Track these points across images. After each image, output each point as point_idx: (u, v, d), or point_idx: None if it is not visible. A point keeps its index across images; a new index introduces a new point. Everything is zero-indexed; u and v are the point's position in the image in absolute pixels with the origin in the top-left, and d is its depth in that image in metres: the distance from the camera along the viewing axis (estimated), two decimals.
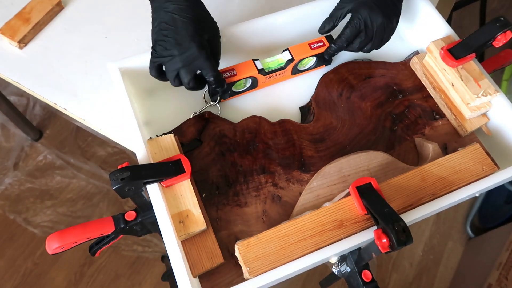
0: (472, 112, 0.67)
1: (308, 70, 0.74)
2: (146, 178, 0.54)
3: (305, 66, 0.73)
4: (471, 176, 0.60)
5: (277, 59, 0.71)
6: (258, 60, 0.69)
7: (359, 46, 0.68)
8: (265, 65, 0.70)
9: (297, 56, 0.70)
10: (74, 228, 0.55)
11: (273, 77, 0.71)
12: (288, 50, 0.70)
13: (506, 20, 0.63)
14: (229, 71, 0.67)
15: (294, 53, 0.70)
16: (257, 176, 0.64)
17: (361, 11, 0.64)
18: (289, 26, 0.76)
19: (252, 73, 0.68)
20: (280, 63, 0.70)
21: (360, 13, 0.64)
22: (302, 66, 0.73)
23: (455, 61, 0.66)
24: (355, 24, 0.65)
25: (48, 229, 1.45)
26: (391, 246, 0.47)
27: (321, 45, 0.71)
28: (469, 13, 1.81)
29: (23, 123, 1.53)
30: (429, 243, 1.54)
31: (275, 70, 0.70)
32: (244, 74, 0.67)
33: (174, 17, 0.59)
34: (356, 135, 0.69)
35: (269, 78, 0.71)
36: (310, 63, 0.73)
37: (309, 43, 0.71)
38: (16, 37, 0.79)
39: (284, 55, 0.70)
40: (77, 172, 1.55)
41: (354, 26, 0.65)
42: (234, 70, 0.67)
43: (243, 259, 0.53)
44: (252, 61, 0.68)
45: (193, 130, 0.67)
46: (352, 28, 0.66)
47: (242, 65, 0.68)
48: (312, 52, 0.71)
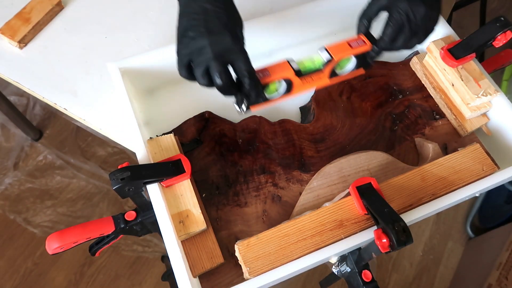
0: (472, 112, 0.67)
1: (346, 74, 0.64)
2: (146, 178, 0.54)
3: (343, 68, 0.64)
4: (471, 176, 0.60)
5: (313, 59, 0.61)
6: (293, 60, 0.60)
7: (403, 42, 0.61)
8: (301, 66, 0.60)
9: (337, 55, 0.60)
10: (74, 228, 0.55)
11: (309, 81, 0.61)
12: (326, 49, 0.60)
13: (506, 20, 0.63)
14: (261, 72, 0.57)
15: (333, 53, 0.60)
16: (257, 176, 0.64)
17: (399, 4, 0.58)
18: (290, 26, 0.76)
19: (288, 75, 0.58)
20: (317, 64, 0.61)
21: (399, 7, 0.58)
22: (340, 69, 0.63)
23: (455, 61, 0.66)
24: (396, 19, 0.59)
25: (48, 229, 1.45)
26: (391, 246, 0.47)
27: (362, 44, 0.61)
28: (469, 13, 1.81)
29: (23, 123, 1.53)
30: (429, 243, 1.53)
31: (312, 71, 0.60)
32: (279, 74, 0.58)
33: (205, 6, 0.53)
34: (356, 135, 0.69)
35: (304, 82, 0.61)
36: (349, 66, 0.63)
37: (348, 42, 0.61)
38: (16, 37, 0.79)
39: (322, 54, 0.60)
40: (77, 172, 1.55)
41: (396, 22, 0.59)
42: (267, 71, 0.57)
43: (243, 259, 0.53)
44: (287, 62, 0.59)
45: (193, 130, 0.67)
46: (394, 24, 0.59)
47: (276, 66, 0.58)
48: (352, 51, 0.60)
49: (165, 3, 0.87)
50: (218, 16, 0.53)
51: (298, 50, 0.80)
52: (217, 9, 0.53)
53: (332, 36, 0.81)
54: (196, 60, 0.53)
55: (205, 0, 0.54)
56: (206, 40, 0.51)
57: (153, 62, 0.69)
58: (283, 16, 0.74)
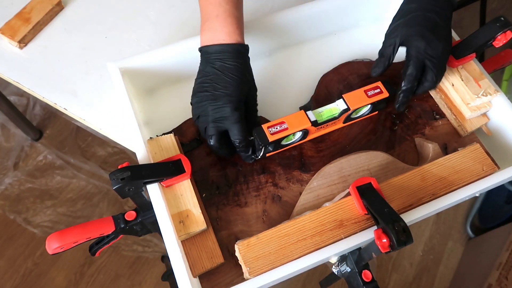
0: (472, 112, 0.67)
1: (361, 117, 0.69)
2: (146, 178, 0.54)
3: (358, 113, 0.68)
4: (471, 176, 0.60)
5: (330, 108, 0.64)
6: (310, 111, 0.63)
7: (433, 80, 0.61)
8: (318, 116, 0.63)
9: (353, 105, 0.63)
10: (74, 228, 0.55)
11: (324, 127, 0.66)
12: (343, 98, 0.64)
13: (506, 20, 0.63)
14: (279, 125, 0.60)
15: (350, 102, 0.63)
16: (257, 176, 0.64)
17: (417, 44, 0.60)
18: (290, 26, 0.76)
19: (305, 126, 0.62)
20: (333, 112, 0.64)
21: (417, 46, 0.60)
22: (355, 114, 0.68)
23: (455, 61, 0.66)
24: (416, 58, 0.60)
25: (48, 229, 1.45)
26: (391, 246, 0.47)
27: (378, 92, 0.64)
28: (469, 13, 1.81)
29: (23, 123, 1.53)
30: (429, 243, 1.54)
31: (328, 120, 0.64)
32: (296, 127, 0.61)
33: (217, 73, 0.59)
34: (356, 135, 0.69)
35: (320, 129, 0.66)
36: (364, 110, 0.68)
37: (365, 90, 0.64)
38: (16, 37, 0.79)
39: (339, 104, 0.64)
40: (77, 172, 1.55)
41: (417, 61, 0.60)
42: (284, 123, 0.60)
43: (243, 259, 0.53)
44: (304, 112, 0.62)
45: (193, 130, 0.67)
46: (415, 63, 0.60)
47: (293, 117, 0.61)
48: (368, 101, 0.64)
49: (165, 3, 0.87)
50: (226, 85, 0.58)
51: (298, 50, 0.80)
52: (227, 77, 0.59)
53: (332, 36, 0.81)
54: (200, 120, 0.60)
55: (219, 65, 0.59)
56: (209, 106, 0.58)
57: (153, 62, 0.69)
58: (283, 16, 0.74)
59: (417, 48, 0.60)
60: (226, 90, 0.58)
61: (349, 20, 0.81)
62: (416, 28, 0.60)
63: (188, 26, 0.84)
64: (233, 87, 0.59)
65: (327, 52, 0.79)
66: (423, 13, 0.61)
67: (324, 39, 0.81)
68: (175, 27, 0.84)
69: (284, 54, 0.79)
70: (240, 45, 0.60)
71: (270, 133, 0.59)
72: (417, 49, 0.60)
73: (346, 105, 0.63)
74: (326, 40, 0.81)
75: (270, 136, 0.59)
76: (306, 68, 0.77)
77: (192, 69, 0.73)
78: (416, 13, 0.61)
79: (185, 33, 0.83)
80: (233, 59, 0.59)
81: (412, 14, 0.62)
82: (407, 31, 0.61)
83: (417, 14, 0.61)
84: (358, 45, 0.81)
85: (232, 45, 0.59)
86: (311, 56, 0.79)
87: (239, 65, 0.60)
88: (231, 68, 0.59)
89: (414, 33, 0.60)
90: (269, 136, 0.59)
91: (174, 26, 0.84)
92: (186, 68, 0.73)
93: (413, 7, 0.62)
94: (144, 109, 0.72)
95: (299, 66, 0.78)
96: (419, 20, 0.61)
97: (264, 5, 0.87)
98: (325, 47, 0.80)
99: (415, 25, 0.61)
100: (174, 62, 0.71)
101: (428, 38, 0.60)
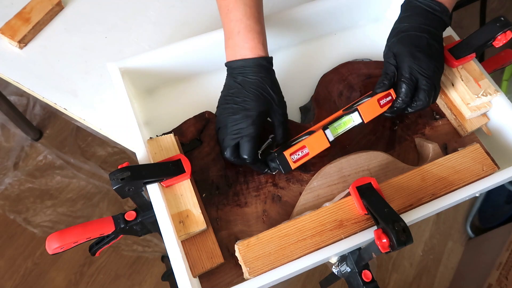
0: (472, 112, 0.67)
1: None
2: (146, 178, 0.54)
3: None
4: (471, 176, 0.60)
5: (345, 121, 0.63)
6: (328, 130, 0.62)
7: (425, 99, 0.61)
8: (334, 131, 0.63)
9: (367, 118, 0.63)
10: (74, 228, 0.55)
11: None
12: (358, 111, 0.62)
13: (506, 20, 0.63)
14: (301, 150, 0.60)
15: (364, 115, 0.63)
16: (257, 176, 0.64)
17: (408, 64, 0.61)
18: (290, 26, 0.76)
19: (325, 147, 0.61)
20: (348, 125, 0.63)
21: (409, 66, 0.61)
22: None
23: (455, 61, 0.66)
24: (409, 79, 0.61)
25: (48, 229, 1.45)
26: (391, 246, 0.47)
27: (390, 100, 0.64)
28: (469, 13, 1.81)
29: (23, 123, 1.53)
30: (429, 243, 1.54)
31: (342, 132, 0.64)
32: (317, 150, 0.61)
33: (238, 87, 0.60)
34: (356, 135, 0.69)
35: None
36: None
37: (378, 99, 0.63)
38: (16, 37, 0.79)
39: (354, 117, 0.63)
40: (77, 172, 1.55)
41: (409, 80, 0.61)
42: (305, 148, 0.60)
43: (243, 259, 0.53)
44: (323, 133, 0.61)
45: (193, 130, 0.67)
46: (407, 83, 0.61)
47: (313, 140, 0.61)
48: (381, 110, 0.64)
49: (165, 3, 0.87)
50: (245, 99, 0.60)
51: (298, 50, 0.80)
52: (247, 92, 0.60)
53: (332, 36, 0.81)
54: (220, 132, 0.62)
55: (240, 80, 0.61)
56: (228, 119, 0.60)
57: (153, 62, 0.69)
58: (283, 16, 0.74)
59: (410, 69, 0.61)
60: (245, 105, 0.59)
61: (349, 20, 0.81)
62: (409, 48, 0.61)
63: (188, 26, 0.84)
64: (252, 101, 0.59)
65: (327, 52, 0.79)
66: (416, 33, 0.62)
67: (324, 39, 0.81)
68: (175, 27, 0.84)
69: (284, 54, 0.79)
70: (262, 59, 0.61)
71: (293, 160, 0.59)
72: (410, 70, 0.61)
73: (361, 119, 0.63)
74: (326, 40, 0.81)
75: (293, 164, 0.59)
76: (306, 68, 0.77)
77: (192, 69, 0.74)
78: (408, 33, 0.62)
79: (185, 33, 0.83)
80: (254, 73, 0.60)
81: (405, 33, 0.63)
82: (399, 50, 0.62)
83: (409, 34, 0.62)
84: (358, 45, 0.81)
85: (253, 59, 0.60)
86: (311, 56, 0.79)
87: (261, 79, 0.60)
88: (251, 82, 0.60)
89: (406, 54, 0.61)
90: (292, 164, 0.59)
91: (174, 26, 0.84)
92: (186, 68, 0.73)
93: (406, 26, 0.63)
94: (144, 109, 0.72)
95: (299, 66, 0.78)
96: (411, 39, 0.62)
97: (264, 5, 0.87)
98: (325, 47, 0.80)
99: (408, 45, 0.61)
100: (174, 62, 0.71)
101: (420, 58, 0.60)
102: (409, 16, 0.64)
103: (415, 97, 0.62)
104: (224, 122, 0.61)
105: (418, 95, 0.61)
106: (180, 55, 0.70)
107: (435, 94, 0.63)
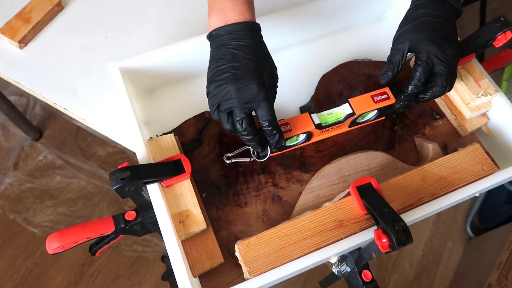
0: (472, 112, 0.67)
1: (367, 122, 0.69)
2: (146, 178, 0.54)
3: (364, 118, 0.68)
4: (471, 176, 0.60)
5: (336, 112, 0.64)
6: (315, 114, 0.63)
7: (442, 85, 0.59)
8: (322, 119, 0.63)
9: (359, 110, 0.63)
10: (74, 228, 0.55)
11: (328, 130, 0.66)
12: (349, 102, 0.64)
13: (506, 20, 0.63)
14: (283, 126, 0.60)
15: (356, 107, 0.63)
16: (257, 176, 0.64)
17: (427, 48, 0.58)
18: (290, 26, 0.76)
19: (309, 128, 0.62)
20: (338, 117, 0.64)
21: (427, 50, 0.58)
22: (361, 118, 0.68)
23: None
24: (426, 63, 0.58)
25: (48, 229, 1.45)
26: (391, 246, 0.47)
27: (385, 98, 0.64)
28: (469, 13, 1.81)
29: (23, 123, 1.53)
30: (429, 243, 1.53)
31: (333, 124, 0.64)
32: (300, 129, 0.61)
33: (234, 52, 0.54)
34: (356, 135, 0.69)
35: (324, 132, 0.66)
36: (370, 115, 0.68)
37: (372, 95, 0.64)
38: (16, 37, 0.79)
39: (344, 108, 0.64)
40: (77, 172, 1.55)
41: (426, 66, 0.58)
42: (288, 125, 0.60)
43: (243, 259, 0.53)
44: (309, 115, 0.62)
45: (193, 130, 0.67)
46: (424, 68, 0.58)
47: (297, 119, 0.62)
48: (375, 106, 0.64)
49: (165, 3, 0.87)
50: (246, 62, 0.53)
51: (298, 50, 0.80)
52: (245, 54, 0.54)
53: (332, 36, 0.81)
54: (222, 106, 0.54)
55: (234, 45, 0.54)
56: (232, 87, 0.52)
57: (153, 62, 0.69)
58: (283, 16, 0.74)
59: (427, 53, 0.58)
60: (248, 67, 0.53)
61: (349, 20, 0.81)
62: (426, 33, 0.59)
63: (188, 26, 0.84)
64: (254, 62, 0.53)
65: (327, 52, 0.79)
66: (433, 19, 0.60)
67: (324, 39, 0.81)
68: (175, 27, 0.84)
69: (284, 54, 0.79)
70: (254, 23, 0.56)
71: None
72: (427, 54, 0.58)
73: (351, 109, 0.63)
74: (326, 40, 0.81)
75: None
76: (306, 68, 0.77)
77: (192, 69, 0.74)
78: (425, 18, 0.60)
79: (185, 33, 0.83)
80: (249, 37, 0.55)
81: (421, 19, 0.60)
82: (416, 36, 0.59)
83: (426, 19, 0.60)
84: (358, 45, 0.81)
85: (246, 22, 0.55)
86: (311, 56, 0.79)
87: (257, 43, 0.55)
88: (248, 46, 0.54)
89: (424, 38, 0.58)
90: None
91: (174, 26, 0.84)
92: (186, 68, 0.73)
93: (422, 12, 0.61)
94: (144, 109, 0.72)
95: (299, 66, 0.78)
96: (429, 25, 0.60)
97: (264, 5, 0.87)
98: (325, 47, 0.80)
99: (425, 29, 0.59)
100: (174, 62, 0.71)
101: (439, 42, 0.58)
102: (423, 4, 0.61)
103: (431, 82, 0.60)
104: (227, 93, 0.53)
105: (435, 80, 0.59)
106: (180, 55, 0.70)
107: (452, 80, 0.60)
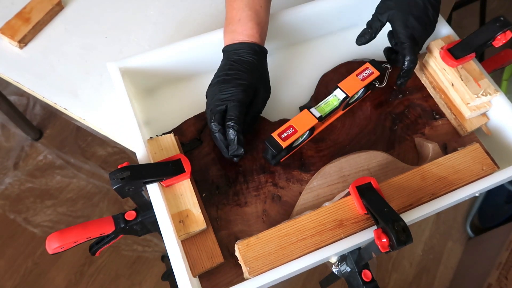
0: (472, 111, 0.67)
1: (357, 101, 0.71)
2: (146, 177, 0.54)
3: (354, 97, 0.69)
4: (471, 176, 0.60)
5: (330, 100, 0.65)
6: (313, 108, 0.64)
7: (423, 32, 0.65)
8: (321, 110, 0.64)
9: (351, 91, 0.65)
10: (74, 227, 0.55)
11: (327, 119, 0.67)
12: (339, 87, 0.65)
13: (506, 20, 0.63)
14: (288, 129, 0.61)
15: (347, 89, 0.65)
16: (257, 175, 0.64)
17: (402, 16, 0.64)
18: (290, 26, 0.76)
19: (312, 123, 0.62)
20: (334, 103, 0.65)
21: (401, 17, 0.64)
22: (352, 99, 0.68)
23: (455, 61, 0.66)
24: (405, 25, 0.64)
25: (48, 229, 1.45)
26: (391, 246, 0.47)
27: (370, 73, 0.66)
28: (469, 13, 1.81)
29: (23, 123, 1.53)
30: (429, 243, 1.54)
31: (331, 112, 0.65)
32: (304, 127, 0.61)
33: (233, 64, 0.62)
34: (356, 134, 0.69)
35: (324, 121, 0.67)
36: (359, 93, 0.69)
37: (357, 74, 0.66)
38: (16, 37, 0.79)
39: (337, 94, 0.65)
40: (77, 172, 1.55)
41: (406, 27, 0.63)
42: (291, 128, 0.61)
43: (243, 258, 0.53)
44: (308, 111, 0.63)
45: (193, 130, 0.67)
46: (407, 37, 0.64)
47: (299, 119, 0.62)
48: (363, 83, 0.66)
49: (165, 3, 0.87)
50: (238, 72, 0.62)
51: (298, 50, 0.80)
52: (240, 67, 0.62)
53: (332, 36, 0.81)
54: (208, 103, 0.63)
55: (235, 59, 0.63)
56: (217, 88, 0.61)
57: (153, 62, 0.69)
58: (283, 16, 0.74)
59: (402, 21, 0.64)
60: (238, 76, 0.61)
61: (349, 20, 0.81)
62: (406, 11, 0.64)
63: (188, 26, 0.84)
64: (244, 73, 0.62)
65: (327, 52, 0.79)
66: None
67: (324, 39, 0.81)
68: (175, 27, 0.84)
69: (284, 54, 0.79)
70: (257, 45, 0.64)
71: (282, 139, 0.60)
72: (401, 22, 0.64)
73: (344, 93, 0.65)
74: (326, 40, 0.81)
75: (283, 143, 0.59)
76: (306, 68, 0.77)
77: (192, 69, 0.74)
78: None
79: (185, 33, 0.83)
80: (249, 54, 0.63)
81: None
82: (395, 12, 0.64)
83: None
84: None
85: (249, 43, 0.63)
86: (311, 56, 0.79)
87: (255, 61, 0.63)
88: (246, 61, 0.62)
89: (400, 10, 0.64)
90: (282, 143, 0.59)
91: (174, 26, 0.84)
92: (186, 68, 0.73)
93: None
94: (144, 109, 0.72)
95: (299, 66, 0.78)
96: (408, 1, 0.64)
97: None
98: (325, 47, 0.80)
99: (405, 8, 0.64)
100: (174, 62, 0.71)
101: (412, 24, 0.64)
102: None
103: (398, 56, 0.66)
104: (213, 92, 0.62)
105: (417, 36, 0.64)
106: (180, 55, 0.70)
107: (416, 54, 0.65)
